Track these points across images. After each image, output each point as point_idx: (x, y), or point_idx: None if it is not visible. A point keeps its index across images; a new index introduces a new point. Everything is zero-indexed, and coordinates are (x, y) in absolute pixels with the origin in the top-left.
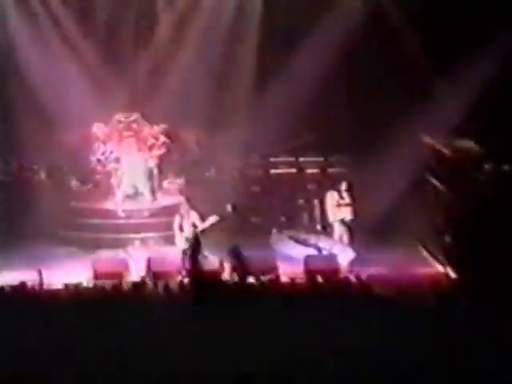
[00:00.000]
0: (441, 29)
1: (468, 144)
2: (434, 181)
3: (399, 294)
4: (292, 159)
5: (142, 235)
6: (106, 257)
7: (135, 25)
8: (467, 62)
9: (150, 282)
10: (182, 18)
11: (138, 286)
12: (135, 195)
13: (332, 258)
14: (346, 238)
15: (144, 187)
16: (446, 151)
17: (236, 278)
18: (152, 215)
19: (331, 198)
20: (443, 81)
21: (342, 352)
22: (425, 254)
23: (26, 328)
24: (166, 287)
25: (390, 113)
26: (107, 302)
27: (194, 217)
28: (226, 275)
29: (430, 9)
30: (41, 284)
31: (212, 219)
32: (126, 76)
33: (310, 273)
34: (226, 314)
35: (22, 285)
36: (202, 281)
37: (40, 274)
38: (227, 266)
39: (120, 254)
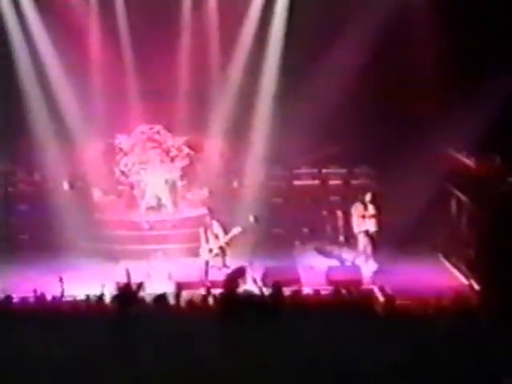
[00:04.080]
0: (462, 41)
1: (492, 156)
2: (458, 193)
3: (422, 305)
4: (315, 171)
5: (165, 246)
6: (129, 268)
7: (159, 35)
8: (490, 75)
9: (172, 294)
10: (206, 27)
11: (161, 298)
12: (158, 207)
13: (355, 269)
14: (369, 250)
15: (167, 199)
16: (469, 163)
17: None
18: (175, 227)
19: (356, 209)
20: (467, 94)
21: (365, 363)
22: (448, 265)
23: (47, 339)
24: (189, 299)
25: (414, 125)
26: (129, 314)
27: (217, 228)
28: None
29: (451, 20)
30: (62, 293)
31: (235, 230)
32: (150, 87)
33: (332, 284)
34: (250, 327)
35: (42, 296)
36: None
37: (61, 281)
38: (250, 278)
39: (143, 265)
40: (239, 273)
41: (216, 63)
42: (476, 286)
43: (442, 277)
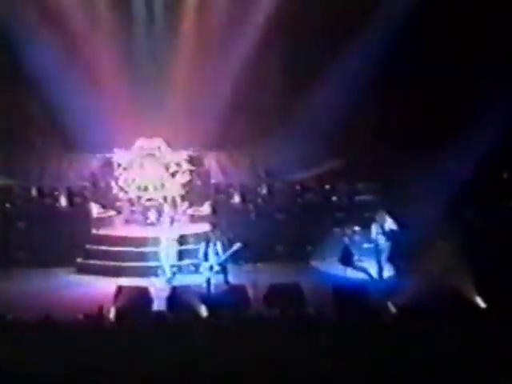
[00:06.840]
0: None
1: (500, 172)
2: (464, 209)
3: (427, 323)
4: (319, 186)
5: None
6: (128, 285)
7: (156, 50)
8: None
9: (172, 312)
10: (204, 39)
11: (162, 316)
12: (158, 223)
13: (360, 286)
14: (378, 265)
15: (167, 215)
16: (475, 180)
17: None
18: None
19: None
20: (474, 114)
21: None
22: (453, 283)
23: (46, 359)
24: (189, 316)
25: (420, 140)
26: (128, 333)
27: (218, 245)
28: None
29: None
30: None
31: (235, 247)
32: (149, 101)
33: (337, 301)
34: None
35: (46, 316)
36: None
37: None
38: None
39: (142, 282)
40: None
41: (217, 76)
42: (482, 305)
43: (447, 294)
